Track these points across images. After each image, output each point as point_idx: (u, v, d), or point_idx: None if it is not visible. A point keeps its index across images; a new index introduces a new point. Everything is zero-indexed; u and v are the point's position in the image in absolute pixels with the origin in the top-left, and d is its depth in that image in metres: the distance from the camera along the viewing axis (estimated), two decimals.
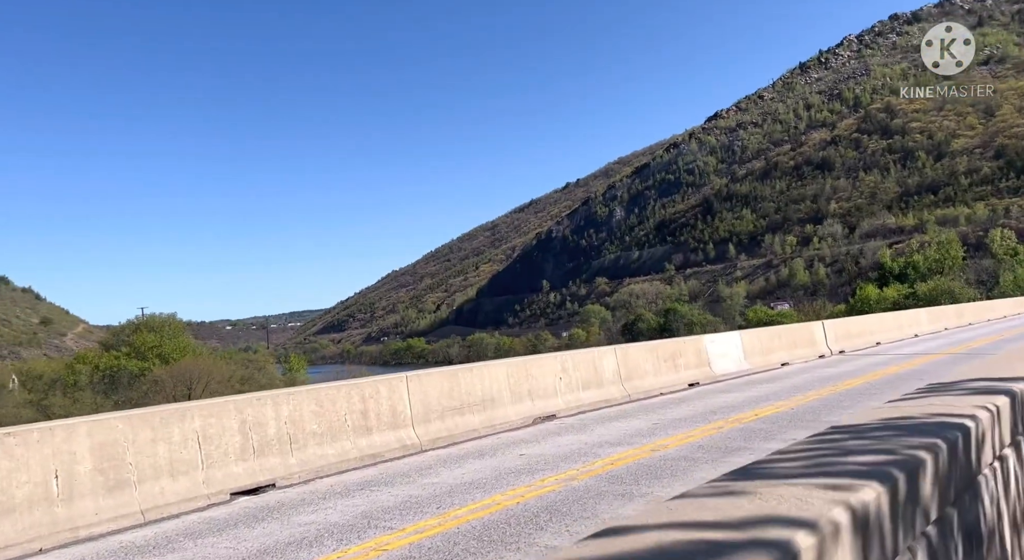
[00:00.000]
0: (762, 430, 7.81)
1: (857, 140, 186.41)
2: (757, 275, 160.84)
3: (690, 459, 6.48)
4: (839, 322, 20.97)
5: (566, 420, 9.82)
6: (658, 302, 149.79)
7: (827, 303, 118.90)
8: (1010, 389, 3.19)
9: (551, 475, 6.22)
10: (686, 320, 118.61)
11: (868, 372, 13.34)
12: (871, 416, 2.66)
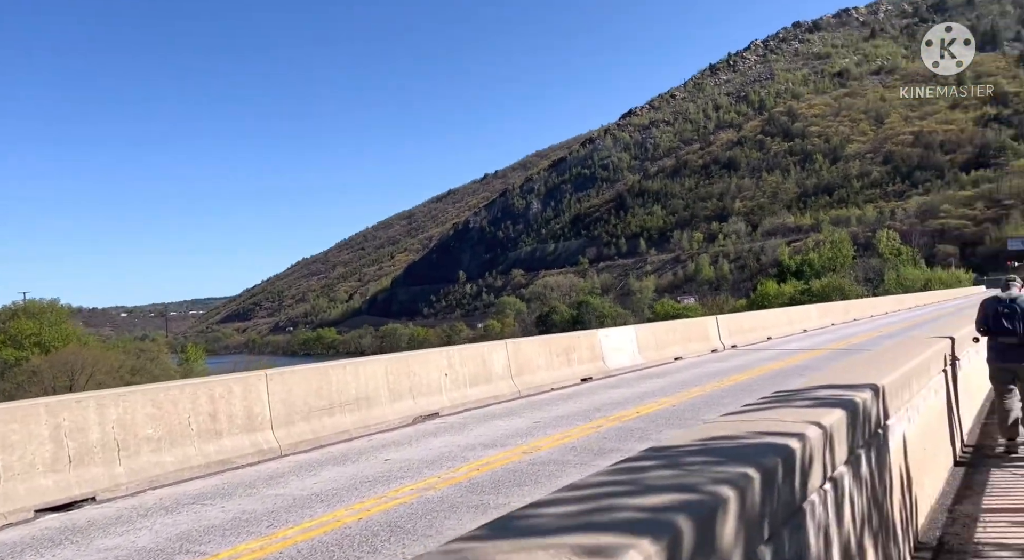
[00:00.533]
0: (639, 429, 7.61)
1: (761, 141, 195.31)
2: (666, 270, 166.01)
3: (560, 463, 6.15)
4: (732, 317, 21.47)
5: (448, 419, 9.36)
6: (572, 294, 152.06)
7: (730, 298, 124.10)
8: (851, 400, 2.93)
9: (409, 483, 5.72)
10: (598, 313, 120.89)
11: (754, 367, 13.56)
12: (694, 436, 2.31)
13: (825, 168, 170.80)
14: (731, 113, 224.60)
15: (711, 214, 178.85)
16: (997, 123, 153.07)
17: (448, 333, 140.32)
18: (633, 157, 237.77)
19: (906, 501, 3.78)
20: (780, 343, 20.31)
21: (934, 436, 5.02)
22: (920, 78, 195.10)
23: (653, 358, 15.49)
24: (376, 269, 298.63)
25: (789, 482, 2.03)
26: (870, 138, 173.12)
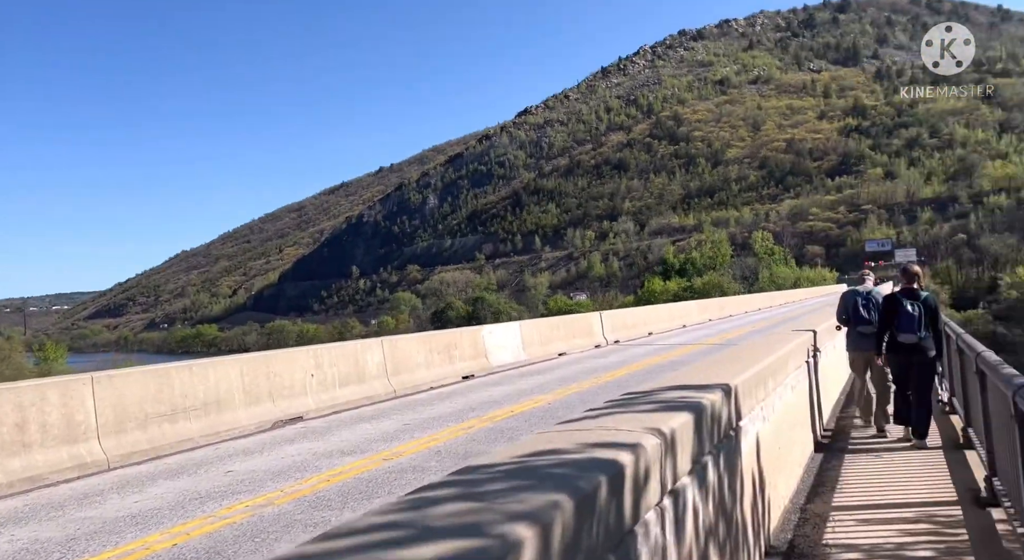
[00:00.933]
0: (510, 429, 7.32)
1: (649, 144, 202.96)
2: (560, 266, 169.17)
3: (421, 470, 5.73)
4: (616, 313, 21.84)
5: (312, 423, 8.71)
6: (468, 290, 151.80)
7: (619, 294, 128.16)
8: (698, 403, 2.69)
9: (246, 499, 5.12)
10: (493, 309, 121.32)
11: (632, 363, 13.71)
12: (516, 451, 2.00)
13: (707, 171, 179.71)
14: (621, 116, 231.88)
15: (602, 213, 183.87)
16: (858, 133, 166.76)
17: (340, 330, 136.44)
18: (529, 155, 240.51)
19: (758, 505, 3.65)
20: (660, 338, 20.85)
21: (790, 432, 5.02)
22: (792, 89, 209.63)
23: (537, 354, 15.38)
24: (263, 263, 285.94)
25: (617, 504, 1.82)
26: (748, 144, 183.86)
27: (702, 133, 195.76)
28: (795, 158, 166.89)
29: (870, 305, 7.80)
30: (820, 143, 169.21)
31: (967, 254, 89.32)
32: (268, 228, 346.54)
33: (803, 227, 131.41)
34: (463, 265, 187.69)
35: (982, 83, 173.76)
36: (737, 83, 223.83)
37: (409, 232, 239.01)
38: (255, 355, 9.43)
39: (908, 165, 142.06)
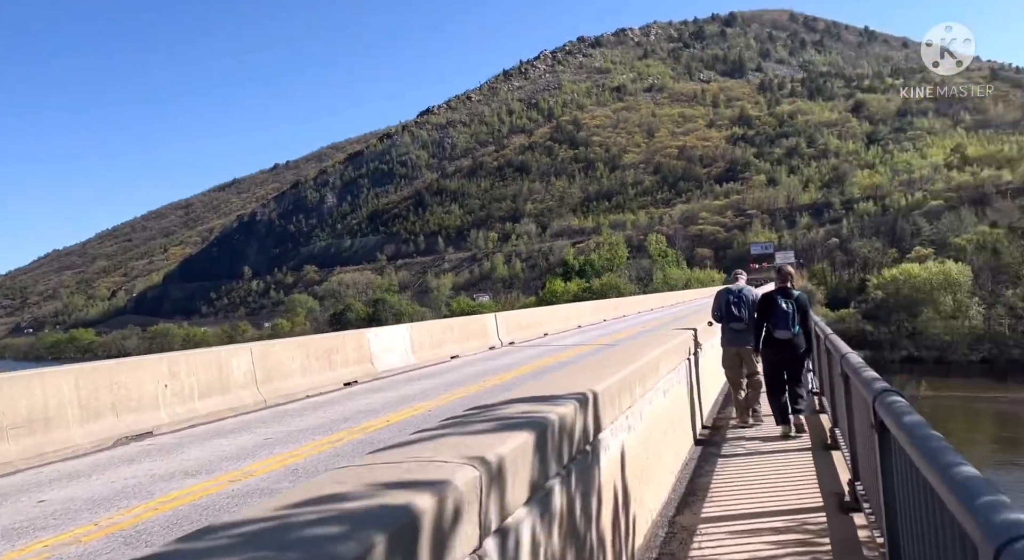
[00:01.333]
0: (382, 441, 6.78)
1: (550, 148, 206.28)
2: (463, 268, 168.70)
3: (269, 492, 5.12)
4: (511, 314, 21.67)
5: (162, 439, 7.84)
6: (369, 292, 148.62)
7: (521, 295, 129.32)
8: (543, 419, 2.34)
9: (49, 537, 4.35)
10: (395, 310, 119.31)
11: (523, 365, 13.48)
12: (285, 500, 1.69)
13: (605, 176, 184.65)
14: (523, 119, 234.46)
15: (505, 215, 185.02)
16: (743, 142, 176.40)
17: (229, 333, 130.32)
18: (431, 155, 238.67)
19: (621, 523, 3.36)
20: (555, 339, 20.83)
21: (662, 439, 4.82)
22: (683, 98, 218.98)
23: (428, 357, 14.88)
24: (146, 263, 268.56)
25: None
26: (643, 150, 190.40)
27: (600, 138, 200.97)
28: (687, 164, 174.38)
29: (741, 303, 8.11)
30: (709, 150, 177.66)
31: (840, 257, 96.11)
32: (152, 226, 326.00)
33: (694, 230, 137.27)
34: (364, 266, 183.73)
35: (852, 97, 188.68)
36: (633, 90, 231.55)
37: (306, 231, 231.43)
38: (95, 364, 8.40)
39: (788, 173, 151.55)
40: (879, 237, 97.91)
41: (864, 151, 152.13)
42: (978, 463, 28.47)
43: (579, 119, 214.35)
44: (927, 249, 79.98)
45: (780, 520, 4.15)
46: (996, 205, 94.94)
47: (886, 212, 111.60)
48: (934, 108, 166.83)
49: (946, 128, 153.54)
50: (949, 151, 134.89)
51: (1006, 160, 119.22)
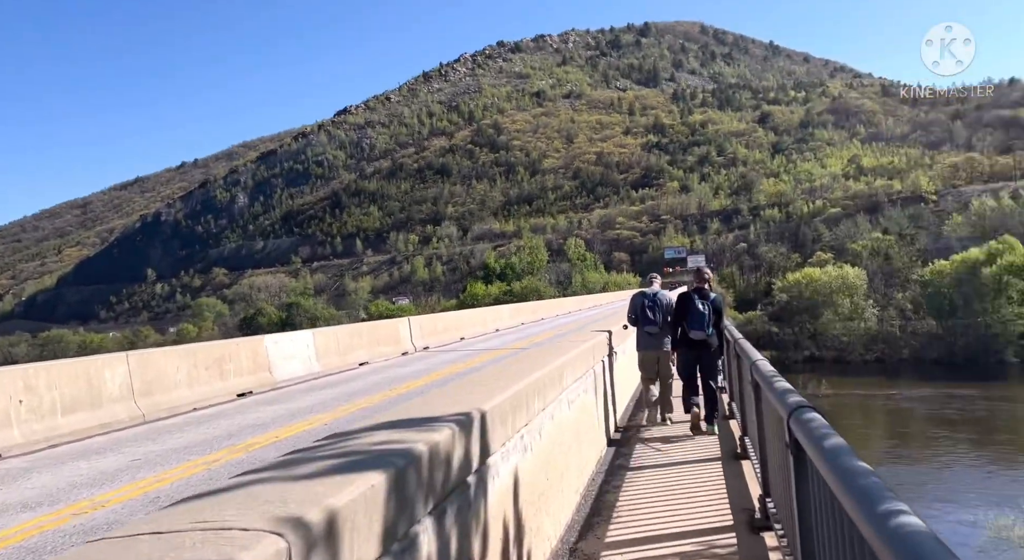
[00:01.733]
0: (262, 461, 6.15)
1: (471, 151, 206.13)
2: (382, 270, 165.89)
3: (116, 525, 4.42)
4: (427, 318, 21.08)
5: (11, 462, 6.86)
6: (282, 295, 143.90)
7: (442, 298, 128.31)
8: (408, 451, 2.00)
9: None
10: (310, 315, 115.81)
11: (436, 370, 12.97)
12: None
13: (526, 180, 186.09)
14: (444, 121, 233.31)
15: (426, 217, 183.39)
16: (658, 149, 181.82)
17: (131, 339, 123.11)
18: (349, 156, 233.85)
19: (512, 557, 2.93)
20: (471, 343, 20.37)
21: (565, 456, 4.45)
22: (601, 105, 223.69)
23: (334, 365, 14.11)
24: (37, 265, 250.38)
25: None
26: (563, 155, 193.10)
27: (521, 143, 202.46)
28: (604, 170, 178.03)
29: (656, 307, 8.15)
30: (626, 157, 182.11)
31: (748, 261, 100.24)
32: (45, 226, 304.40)
33: (611, 235, 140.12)
34: (277, 268, 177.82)
35: (758, 109, 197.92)
36: (552, 96, 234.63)
37: (215, 232, 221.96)
38: None
39: (700, 180, 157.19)
40: (784, 242, 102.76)
41: (770, 160, 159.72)
42: (874, 458, 29.94)
43: (500, 123, 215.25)
44: (827, 254, 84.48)
45: (688, 543, 3.85)
46: (888, 213, 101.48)
47: (790, 219, 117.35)
48: (833, 120, 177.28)
49: (843, 140, 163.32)
50: (846, 162, 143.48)
51: (896, 171, 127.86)
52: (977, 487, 23.95)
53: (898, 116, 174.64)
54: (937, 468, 28.16)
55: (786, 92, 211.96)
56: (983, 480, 25.86)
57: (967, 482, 25.63)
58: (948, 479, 26.34)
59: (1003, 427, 37.28)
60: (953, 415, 39.66)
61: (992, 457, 30.21)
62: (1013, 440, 33.91)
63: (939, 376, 52.27)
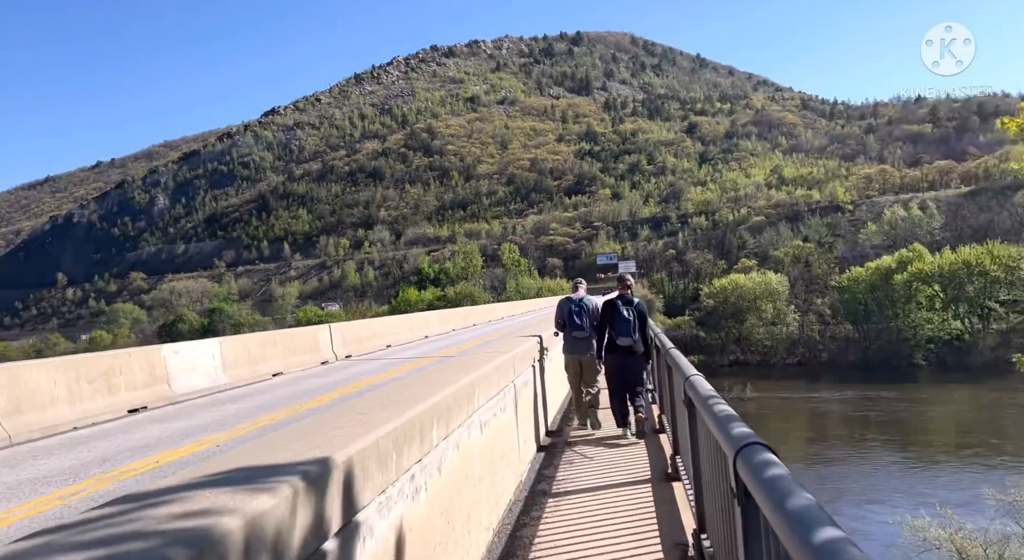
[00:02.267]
0: (123, 493, 5.30)
1: (404, 155, 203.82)
2: (311, 275, 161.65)
3: None
4: (350, 325, 20.12)
5: None
6: (204, 301, 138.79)
7: (373, 304, 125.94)
8: (208, 532, 1.42)
9: None
10: (233, 320, 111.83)
11: (351, 382, 12.16)
12: None
13: (460, 185, 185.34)
14: (376, 124, 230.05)
15: (357, 221, 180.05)
16: (590, 157, 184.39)
17: (38, 346, 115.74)
18: (277, 158, 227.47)
19: None
20: (397, 351, 19.57)
21: (475, 488, 3.85)
22: (535, 112, 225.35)
23: (244, 376, 13.08)
24: None
25: None
26: (497, 161, 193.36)
27: (455, 147, 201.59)
28: (538, 176, 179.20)
29: (583, 312, 8.27)
30: (559, 164, 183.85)
31: (676, 267, 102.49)
32: None
33: (545, 241, 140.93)
34: (199, 273, 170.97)
35: (686, 119, 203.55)
36: (486, 102, 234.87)
37: (133, 235, 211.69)
38: None
39: (631, 187, 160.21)
40: (711, 249, 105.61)
41: (697, 169, 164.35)
42: (795, 457, 30.59)
43: (434, 127, 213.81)
44: (751, 261, 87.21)
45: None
46: (808, 221, 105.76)
47: (716, 226, 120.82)
48: (756, 132, 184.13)
49: (766, 151, 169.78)
50: (769, 172, 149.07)
51: (815, 181, 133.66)
52: (900, 488, 24.72)
53: (816, 129, 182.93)
54: (859, 468, 29.04)
55: (712, 104, 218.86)
56: (904, 480, 26.77)
57: (891, 482, 26.46)
58: (871, 479, 27.14)
59: (920, 428, 38.89)
60: (871, 417, 41.18)
61: (912, 457, 31.42)
62: (930, 441, 35.43)
63: (856, 379, 54.48)
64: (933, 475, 27.54)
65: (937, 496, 23.79)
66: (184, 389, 11.24)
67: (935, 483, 25.91)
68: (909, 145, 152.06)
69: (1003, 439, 34.75)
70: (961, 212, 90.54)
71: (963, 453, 32.12)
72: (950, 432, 37.77)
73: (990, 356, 57.86)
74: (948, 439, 36.04)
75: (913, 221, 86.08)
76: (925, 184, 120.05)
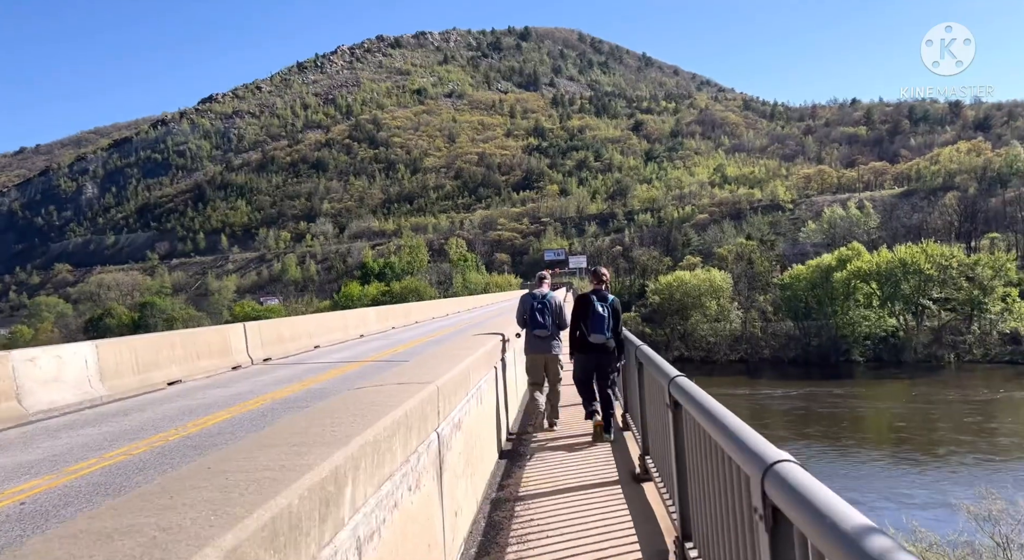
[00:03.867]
0: None
1: (349, 146, 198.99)
2: (250, 269, 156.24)
3: None
4: (270, 323, 18.15)
5: None
6: (135, 294, 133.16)
7: (315, 299, 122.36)
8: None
9: None
10: (165, 315, 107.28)
11: (262, 393, 10.43)
12: None
13: (407, 178, 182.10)
14: (319, 114, 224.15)
15: (299, 213, 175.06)
16: (538, 153, 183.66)
17: None
18: (215, 147, 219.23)
19: None
20: (325, 353, 17.76)
21: (427, 531, 2.30)
22: (483, 106, 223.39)
23: (129, 386, 11.14)
24: None
25: None
26: (444, 154, 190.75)
27: (401, 140, 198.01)
28: (486, 171, 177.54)
29: (546, 309, 7.90)
30: (507, 159, 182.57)
31: (623, 264, 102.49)
32: None
33: (493, 236, 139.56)
34: (131, 265, 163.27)
35: (632, 117, 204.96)
36: (434, 94, 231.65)
37: (58, 225, 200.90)
38: None
39: (578, 184, 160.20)
40: (656, 246, 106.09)
41: (643, 167, 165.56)
42: None
43: (379, 119, 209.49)
44: (696, 258, 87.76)
45: None
46: (750, 219, 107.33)
47: (662, 223, 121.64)
48: (700, 131, 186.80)
49: (710, 149, 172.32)
50: (712, 170, 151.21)
51: (757, 180, 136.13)
52: (850, 486, 24.26)
53: (758, 129, 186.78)
54: (803, 464, 28.67)
55: (658, 102, 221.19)
56: (854, 475, 26.44)
57: (836, 482, 26.04)
58: (819, 476, 26.73)
59: (859, 424, 39.12)
60: (811, 412, 41.29)
61: (853, 453, 31.29)
62: (873, 438, 35.53)
63: (795, 375, 55.04)
64: (873, 471, 27.37)
65: (874, 488, 23.53)
66: (42, 406, 9.28)
67: (881, 479, 25.67)
68: (845, 146, 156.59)
69: (936, 434, 35.27)
70: (896, 212, 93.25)
71: (900, 448, 32.40)
72: (885, 428, 38.18)
73: (923, 352, 59.41)
74: (884, 435, 36.38)
75: (851, 220, 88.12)
76: (860, 184, 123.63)
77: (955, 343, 59.93)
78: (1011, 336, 58.40)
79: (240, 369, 14.51)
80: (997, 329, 58.85)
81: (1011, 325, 58.46)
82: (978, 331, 59.75)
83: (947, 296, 61.84)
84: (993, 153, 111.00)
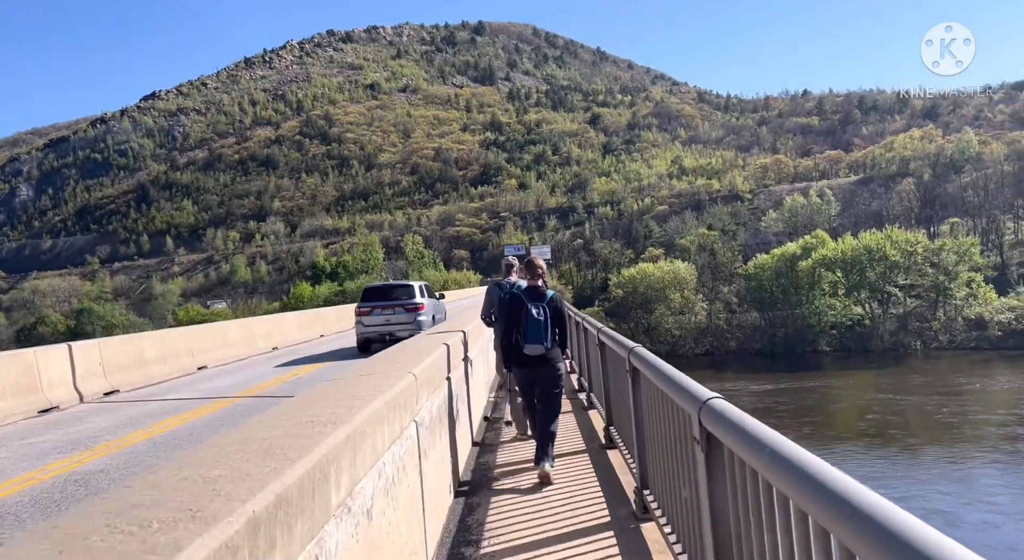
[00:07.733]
0: None
1: (300, 142, 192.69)
2: (197, 271, 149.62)
3: None
4: (125, 340, 14.10)
5: None
6: (72, 301, 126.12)
7: (264, 301, 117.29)
8: None
9: None
10: (104, 322, 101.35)
11: (43, 464, 6.82)
12: None
13: (361, 174, 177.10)
14: (268, 111, 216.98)
15: (248, 213, 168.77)
16: (495, 147, 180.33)
17: None
18: (158, 145, 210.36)
19: None
20: (206, 378, 14.04)
21: None
22: (438, 100, 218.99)
23: None
24: None
25: None
26: (400, 150, 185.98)
27: (355, 135, 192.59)
28: (443, 166, 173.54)
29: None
30: (464, 154, 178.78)
31: (584, 257, 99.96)
32: None
33: (451, 232, 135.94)
34: (69, 270, 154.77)
35: (589, 110, 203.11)
36: (387, 89, 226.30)
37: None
38: None
39: (537, 178, 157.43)
40: (618, 239, 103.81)
41: (601, 160, 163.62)
42: None
43: (331, 114, 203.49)
44: (658, 249, 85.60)
45: None
46: (710, 210, 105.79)
47: (622, 216, 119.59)
48: (656, 124, 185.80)
49: (667, 142, 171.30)
50: (670, 162, 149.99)
51: (714, 171, 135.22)
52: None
53: (713, 121, 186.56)
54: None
55: (614, 96, 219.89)
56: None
57: None
58: None
59: (827, 416, 37.32)
60: (781, 405, 39.31)
61: (825, 446, 29.15)
62: (840, 432, 33.46)
63: (763, 367, 53.14)
64: (851, 468, 24.99)
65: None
66: None
67: (854, 474, 23.24)
68: (799, 136, 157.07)
69: (904, 421, 33.88)
70: (855, 199, 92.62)
71: (872, 441, 30.99)
72: (853, 419, 36.44)
73: (889, 340, 58.07)
74: (853, 426, 34.67)
75: (812, 208, 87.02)
76: (817, 173, 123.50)
77: (921, 330, 58.73)
78: (975, 322, 57.40)
79: (53, 412, 10.62)
80: (962, 315, 57.79)
81: (976, 310, 57.45)
82: (943, 317, 58.61)
83: (912, 283, 60.65)
84: (945, 140, 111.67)
